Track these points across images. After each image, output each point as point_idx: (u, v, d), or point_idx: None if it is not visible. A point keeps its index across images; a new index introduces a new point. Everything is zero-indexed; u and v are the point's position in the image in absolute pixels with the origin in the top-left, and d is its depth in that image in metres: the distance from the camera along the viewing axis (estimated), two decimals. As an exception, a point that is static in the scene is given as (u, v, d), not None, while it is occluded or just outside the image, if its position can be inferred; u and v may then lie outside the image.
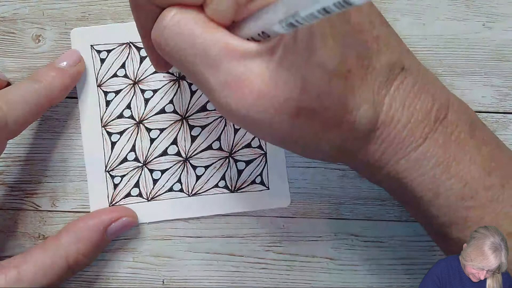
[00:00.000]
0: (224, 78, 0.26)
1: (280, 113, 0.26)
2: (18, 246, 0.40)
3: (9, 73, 0.39)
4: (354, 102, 0.29)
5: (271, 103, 0.26)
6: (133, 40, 0.39)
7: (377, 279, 0.40)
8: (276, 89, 0.26)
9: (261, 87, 0.26)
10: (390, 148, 0.31)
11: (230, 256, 0.40)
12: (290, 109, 0.27)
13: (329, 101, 0.28)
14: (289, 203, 0.40)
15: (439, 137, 0.31)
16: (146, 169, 0.39)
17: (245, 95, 0.26)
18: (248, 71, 0.26)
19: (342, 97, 0.28)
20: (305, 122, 0.28)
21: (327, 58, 0.27)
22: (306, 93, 0.26)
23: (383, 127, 0.30)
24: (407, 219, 0.40)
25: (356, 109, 0.29)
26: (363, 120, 0.29)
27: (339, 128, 0.29)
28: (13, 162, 0.39)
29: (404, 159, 0.31)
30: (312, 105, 0.27)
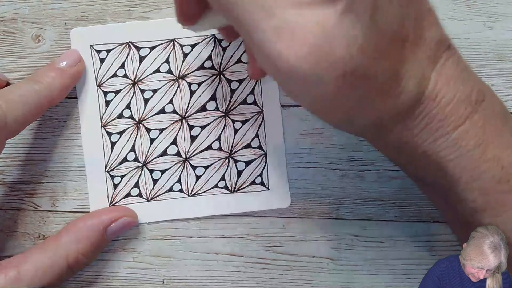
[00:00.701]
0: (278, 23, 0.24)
1: (332, 70, 0.25)
2: (18, 246, 0.40)
3: (9, 73, 0.39)
4: (404, 72, 0.28)
5: (325, 58, 0.24)
6: (132, 40, 0.39)
7: (377, 279, 0.40)
8: (334, 44, 0.24)
9: (319, 38, 0.24)
10: (430, 125, 0.30)
11: (230, 256, 0.40)
12: (344, 68, 0.25)
13: (383, 66, 0.27)
14: (289, 204, 0.40)
15: (479, 119, 0.30)
16: (146, 169, 0.39)
17: (299, 45, 0.24)
18: (307, 19, 0.24)
19: (396, 64, 0.27)
20: (354, 85, 0.26)
21: (390, 19, 0.26)
22: (364, 53, 0.25)
23: (427, 102, 0.29)
24: (407, 219, 0.40)
25: (406, 80, 0.28)
26: (410, 93, 0.28)
27: (385, 98, 0.28)
28: (13, 162, 0.39)
29: (443, 138, 0.30)
30: (365, 68, 0.26)
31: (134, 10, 0.39)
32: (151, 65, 0.39)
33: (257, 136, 0.39)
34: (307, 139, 0.40)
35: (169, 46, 0.39)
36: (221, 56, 0.39)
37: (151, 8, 0.39)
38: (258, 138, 0.39)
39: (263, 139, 0.39)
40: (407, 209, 0.40)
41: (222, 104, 0.39)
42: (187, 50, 0.39)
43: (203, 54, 0.39)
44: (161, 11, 0.39)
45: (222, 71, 0.39)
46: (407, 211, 0.40)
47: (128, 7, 0.39)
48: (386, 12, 0.25)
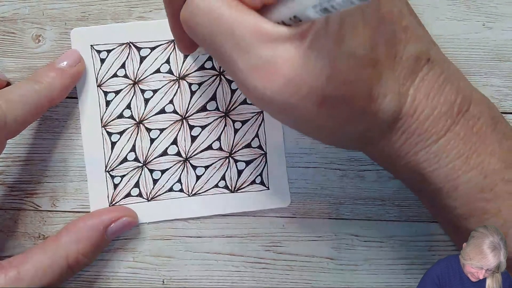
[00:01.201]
0: (253, 61, 0.26)
1: (306, 99, 0.26)
2: (18, 246, 0.40)
3: (9, 73, 0.39)
4: (380, 91, 0.29)
5: (298, 89, 0.26)
6: (133, 40, 0.39)
7: (377, 279, 0.40)
8: (305, 75, 0.26)
9: (290, 72, 0.25)
10: (411, 139, 0.31)
11: (230, 256, 0.40)
12: (317, 97, 0.26)
13: (355, 89, 0.28)
14: (289, 203, 0.40)
15: (460, 130, 0.31)
16: (146, 169, 0.40)
17: (273, 80, 0.26)
18: (278, 56, 0.25)
19: (369, 85, 0.28)
20: (330, 110, 0.27)
21: (357, 45, 0.27)
22: (334, 80, 0.26)
23: (406, 118, 0.30)
24: (407, 219, 0.40)
25: (382, 99, 0.29)
26: (387, 110, 0.29)
27: (363, 117, 0.29)
28: (13, 162, 0.40)
29: (424, 151, 0.31)
30: (338, 92, 0.27)
31: (134, 10, 0.39)
32: (152, 65, 0.39)
33: (257, 136, 0.40)
34: (307, 139, 0.40)
35: (169, 46, 0.39)
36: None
37: (151, 8, 0.39)
38: (258, 138, 0.40)
39: (263, 139, 0.40)
40: (407, 209, 0.40)
41: (222, 104, 0.39)
42: (187, 50, 0.39)
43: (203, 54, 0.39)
44: (161, 11, 0.39)
45: (222, 72, 0.39)
46: (407, 211, 0.40)
47: (128, 7, 0.39)
48: (352, 40, 0.26)
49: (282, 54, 0.25)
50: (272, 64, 0.26)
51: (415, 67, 0.30)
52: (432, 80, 0.31)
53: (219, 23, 0.26)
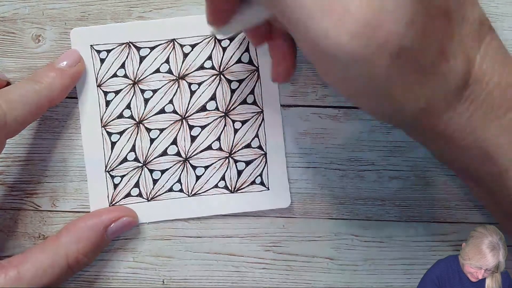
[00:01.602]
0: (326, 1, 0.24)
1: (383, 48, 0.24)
2: (18, 246, 0.40)
3: (9, 73, 0.39)
4: (452, 49, 0.27)
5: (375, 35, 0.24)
6: (132, 40, 0.39)
7: (377, 279, 0.40)
8: (383, 20, 0.24)
9: (368, 14, 0.24)
10: (480, 110, 0.29)
11: (230, 256, 0.40)
12: (394, 46, 0.24)
13: (431, 42, 0.26)
14: (289, 203, 0.40)
15: None
16: (146, 169, 0.39)
17: (349, 23, 0.24)
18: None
19: (443, 41, 0.27)
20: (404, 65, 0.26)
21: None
22: (413, 29, 0.25)
23: (474, 85, 0.28)
24: (407, 219, 0.40)
25: (453, 58, 0.27)
26: (457, 73, 0.28)
27: (433, 78, 0.27)
28: (13, 162, 0.40)
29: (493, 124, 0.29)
30: (415, 43, 0.25)
31: (134, 10, 0.39)
32: (151, 65, 0.39)
33: (257, 136, 0.39)
34: (307, 139, 0.40)
35: (169, 46, 0.39)
36: (221, 56, 0.39)
37: (151, 8, 0.39)
38: (258, 138, 0.39)
39: (263, 139, 0.40)
40: (407, 209, 0.40)
41: (222, 104, 0.39)
42: (187, 50, 0.39)
43: (203, 54, 0.39)
44: (161, 11, 0.39)
45: (222, 71, 0.39)
46: (407, 211, 0.40)
47: (128, 7, 0.39)
48: None
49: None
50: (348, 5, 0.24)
51: (480, 33, 0.29)
52: (495, 49, 0.29)
53: None
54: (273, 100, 0.39)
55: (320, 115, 0.40)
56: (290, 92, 0.39)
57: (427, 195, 0.40)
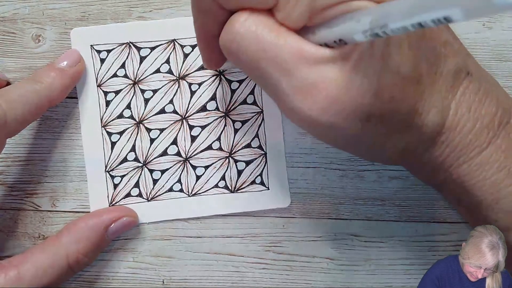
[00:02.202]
0: (297, 83, 0.26)
1: (352, 117, 0.27)
2: (18, 246, 0.40)
3: (9, 73, 0.39)
4: (423, 106, 0.29)
5: (344, 108, 0.26)
6: (133, 40, 0.39)
7: (377, 279, 0.40)
8: (350, 94, 0.26)
9: (335, 92, 0.26)
10: (454, 153, 0.31)
11: (230, 256, 0.40)
12: (362, 114, 0.27)
13: (400, 106, 0.28)
14: (289, 203, 0.40)
15: (502, 143, 0.31)
16: (146, 169, 0.40)
17: (319, 100, 0.26)
18: (322, 77, 0.26)
19: (413, 102, 0.28)
20: (375, 126, 0.28)
21: (401, 64, 0.27)
22: (379, 98, 0.27)
23: (449, 132, 0.30)
24: (407, 219, 0.40)
25: (425, 114, 0.29)
26: (431, 125, 0.30)
27: (407, 132, 0.29)
28: (13, 162, 0.40)
29: (466, 164, 0.31)
30: (383, 110, 0.27)
31: (134, 10, 0.39)
32: (152, 65, 0.39)
33: (257, 136, 0.40)
34: (307, 139, 0.40)
35: (169, 46, 0.39)
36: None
37: (151, 8, 0.39)
38: (258, 138, 0.40)
39: (263, 139, 0.40)
40: (407, 209, 0.40)
41: (222, 104, 0.39)
42: (188, 50, 0.39)
43: (203, 54, 0.39)
44: (161, 11, 0.39)
45: (222, 72, 0.39)
46: (407, 211, 0.40)
47: (128, 7, 0.39)
48: (398, 59, 0.27)
49: (326, 75, 0.26)
50: (317, 85, 0.26)
51: (456, 81, 0.30)
52: (472, 93, 0.31)
53: (262, 48, 0.26)
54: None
55: (320, 115, 0.40)
56: (290, 92, 0.39)
57: (427, 195, 0.40)
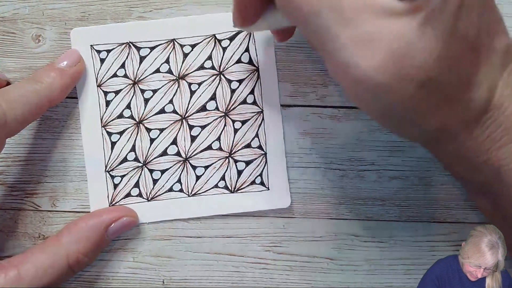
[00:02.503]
0: (359, 34, 0.25)
1: (408, 79, 0.25)
2: (18, 246, 0.40)
3: (9, 73, 0.39)
4: (476, 80, 0.28)
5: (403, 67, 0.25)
6: (132, 40, 0.39)
7: (377, 279, 0.40)
8: (413, 53, 0.25)
9: (400, 48, 0.24)
10: (495, 133, 0.30)
11: (230, 256, 0.40)
12: (420, 77, 0.25)
13: (458, 74, 0.27)
14: (289, 203, 0.40)
15: None
16: (146, 169, 0.39)
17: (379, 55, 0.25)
18: (388, 30, 0.24)
19: (470, 72, 0.27)
20: (427, 94, 0.26)
21: (469, 28, 0.26)
22: (443, 62, 0.25)
23: (494, 111, 0.29)
24: (407, 219, 0.40)
25: (476, 88, 0.28)
26: (479, 101, 0.28)
27: (455, 105, 0.28)
28: (13, 162, 0.40)
29: (507, 147, 0.30)
30: (442, 76, 0.26)
31: (134, 10, 0.39)
32: (151, 65, 0.39)
33: (257, 136, 0.39)
34: (307, 139, 0.40)
35: (169, 46, 0.39)
36: (221, 56, 0.39)
37: (151, 8, 0.39)
38: (258, 138, 0.40)
39: (263, 139, 0.40)
40: (407, 209, 0.40)
41: (222, 104, 0.39)
42: (187, 50, 0.39)
43: (203, 54, 0.39)
44: (161, 11, 0.39)
45: (222, 71, 0.39)
46: (407, 211, 0.40)
47: (128, 7, 0.39)
48: (466, 23, 0.26)
49: (393, 29, 0.24)
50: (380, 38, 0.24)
51: (505, 60, 0.29)
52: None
53: None
54: (273, 100, 0.39)
55: (320, 115, 0.40)
56: (290, 92, 0.39)
57: (427, 195, 0.40)
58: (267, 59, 0.39)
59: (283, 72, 0.39)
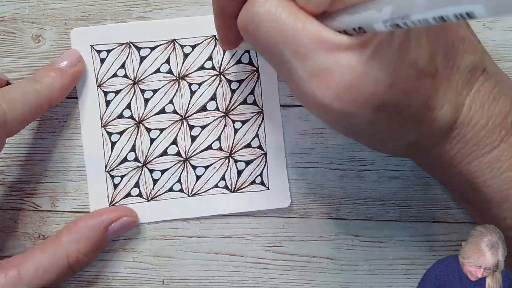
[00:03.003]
0: (313, 68, 0.26)
1: (365, 106, 0.26)
2: (18, 246, 0.40)
3: (9, 73, 0.39)
4: (437, 101, 0.29)
5: (357, 96, 0.26)
6: (133, 40, 0.39)
7: (377, 279, 0.40)
8: (365, 83, 0.26)
9: (350, 79, 0.26)
10: (465, 148, 0.31)
11: (230, 256, 0.40)
12: (375, 103, 0.27)
13: (414, 98, 0.28)
14: (289, 203, 0.40)
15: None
16: (146, 169, 0.40)
17: (333, 87, 0.26)
18: (338, 63, 0.26)
19: (427, 95, 0.28)
20: (387, 117, 0.28)
21: (419, 57, 0.27)
22: (394, 89, 0.26)
23: (461, 128, 0.30)
24: (407, 219, 0.40)
25: (438, 108, 0.29)
26: (444, 119, 0.30)
27: (419, 125, 0.29)
28: (13, 162, 0.40)
29: (477, 160, 0.31)
30: (397, 101, 0.27)
31: (134, 10, 0.39)
32: (152, 65, 0.39)
33: (257, 136, 0.40)
34: (307, 139, 0.40)
35: (169, 46, 0.39)
36: (221, 56, 0.39)
37: (151, 8, 0.39)
38: (258, 138, 0.40)
39: (263, 139, 0.40)
40: (407, 209, 0.40)
41: (222, 104, 0.39)
42: (188, 50, 0.39)
43: (204, 54, 0.39)
44: (161, 11, 0.39)
45: (222, 72, 0.39)
46: (407, 211, 0.40)
47: (128, 7, 0.39)
48: (416, 51, 0.27)
49: (343, 62, 0.26)
50: (332, 71, 0.26)
51: (471, 78, 0.30)
52: (487, 91, 0.31)
53: (280, 30, 0.26)
54: (273, 100, 0.39)
55: (320, 115, 0.40)
56: (290, 92, 0.39)
57: (427, 195, 0.40)
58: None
59: (283, 72, 0.39)
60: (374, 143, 0.32)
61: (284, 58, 0.27)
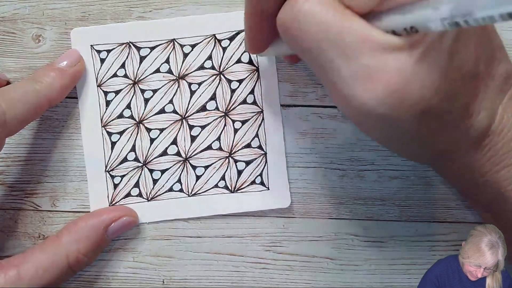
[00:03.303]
0: (358, 69, 0.25)
1: (409, 111, 0.26)
2: (18, 246, 0.40)
3: (9, 73, 0.39)
4: (475, 107, 0.29)
5: (403, 100, 0.25)
6: (133, 40, 0.39)
7: (377, 279, 0.40)
8: (412, 87, 0.25)
9: (397, 82, 0.25)
10: (495, 157, 0.31)
11: (230, 256, 0.40)
12: (420, 108, 0.26)
13: (456, 103, 0.28)
14: (289, 204, 0.40)
15: None
16: (146, 169, 0.39)
17: (379, 89, 0.25)
18: (386, 65, 0.25)
19: (468, 100, 0.28)
20: (428, 123, 0.27)
21: (466, 60, 0.27)
22: (439, 94, 0.26)
23: (493, 136, 0.30)
24: (407, 219, 0.40)
25: (475, 115, 0.29)
26: (479, 127, 0.29)
27: (455, 131, 0.29)
28: (13, 162, 0.40)
29: (506, 169, 0.31)
30: (441, 106, 0.26)
31: (134, 10, 0.39)
32: (151, 65, 0.39)
33: (257, 136, 0.39)
34: (307, 139, 0.40)
35: (169, 46, 0.39)
36: (221, 56, 0.39)
37: (151, 8, 0.39)
38: (258, 138, 0.39)
39: (263, 139, 0.40)
40: (407, 209, 0.40)
41: (222, 104, 0.39)
42: (187, 50, 0.39)
43: (203, 54, 0.39)
44: (161, 11, 0.39)
45: (222, 71, 0.39)
46: (407, 211, 0.40)
47: (128, 7, 0.39)
48: (463, 55, 0.26)
49: (391, 64, 0.25)
50: (379, 73, 0.25)
51: (504, 86, 0.30)
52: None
53: (325, 29, 0.25)
54: (273, 100, 0.39)
55: (320, 115, 0.40)
56: (290, 92, 0.39)
57: (427, 195, 0.40)
58: (267, 59, 0.39)
59: (283, 72, 0.39)
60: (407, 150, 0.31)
61: (327, 58, 0.26)
